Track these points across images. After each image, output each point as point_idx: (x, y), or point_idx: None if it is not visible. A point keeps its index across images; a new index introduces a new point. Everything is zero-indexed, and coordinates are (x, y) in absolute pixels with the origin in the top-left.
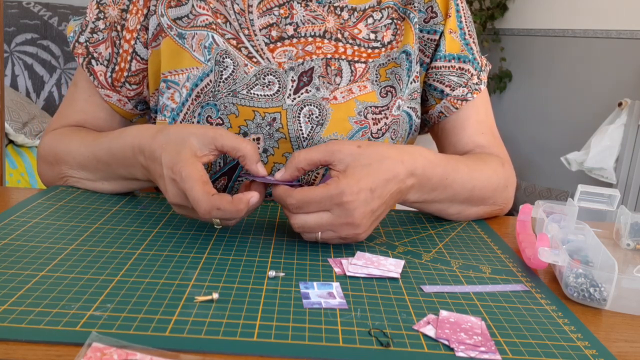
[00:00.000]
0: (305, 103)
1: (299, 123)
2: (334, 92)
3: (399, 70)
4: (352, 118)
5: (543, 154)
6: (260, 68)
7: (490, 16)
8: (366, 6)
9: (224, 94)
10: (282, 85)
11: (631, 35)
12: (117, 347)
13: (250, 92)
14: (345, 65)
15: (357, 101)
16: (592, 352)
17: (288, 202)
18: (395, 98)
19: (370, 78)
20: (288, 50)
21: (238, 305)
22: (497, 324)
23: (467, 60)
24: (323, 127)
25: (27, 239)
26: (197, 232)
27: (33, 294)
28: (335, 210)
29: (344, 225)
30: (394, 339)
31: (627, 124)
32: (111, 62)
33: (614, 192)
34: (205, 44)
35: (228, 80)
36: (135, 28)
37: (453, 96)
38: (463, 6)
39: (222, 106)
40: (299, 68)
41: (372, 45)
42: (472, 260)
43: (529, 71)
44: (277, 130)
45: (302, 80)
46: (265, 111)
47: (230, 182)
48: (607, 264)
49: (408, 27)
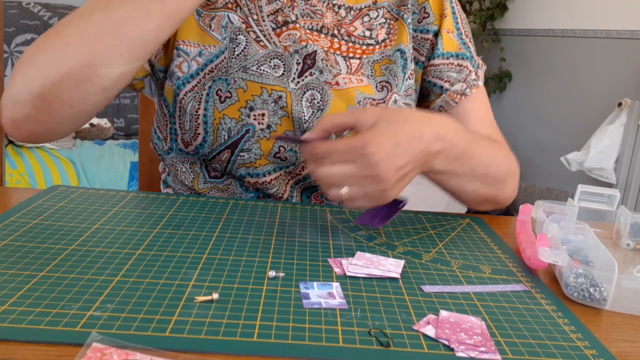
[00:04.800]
0: (308, 87)
1: (301, 106)
2: (337, 77)
3: (394, 67)
4: (351, 107)
5: (543, 154)
6: (267, 51)
7: (490, 16)
8: (362, 5)
9: (235, 69)
10: (287, 69)
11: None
12: (117, 347)
13: (260, 68)
14: (341, 60)
15: (357, 90)
16: (592, 352)
17: (314, 152)
18: (391, 93)
19: (365, 73)
20: (292, 34)
21: (238, 305)
22: (497, 324)
23: (465, 57)
24: (323, 112)
25: (27, 239)
26: (197, 232)
27: (33, 294)
28: (359, 161)
29: (368, 178)
30: (394, 339)
31: (627, 124)
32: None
33: (613, 192)
34: (222, 23)
35: (239, 57)
36: None
37: (452, 91)
38: (458, 8)
39: (232, 80)
40: (303, 51)
41: (366, 42)
42: (472, 260)
43: (529, 71)
44: (282, 109)
45: (307, 62)
46: (272, 88)
47: (232, 156)
48: (607, 264)
49: (402, 27)
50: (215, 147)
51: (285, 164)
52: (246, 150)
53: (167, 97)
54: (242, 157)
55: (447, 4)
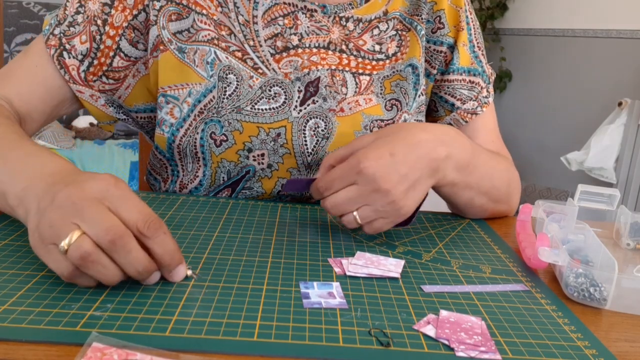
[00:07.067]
0: (311, 115)
1: (304, 137)
2: (341, 103)
3: (405, 83)
4: (357, 132)
5: (543, 154)
6: (267, 79)
7: (490, 16)
8: (372, 17)
9: (228, 110)
10: (288, 97)
11: (631, 35)
12: (117, 347)
13: (254, 107)
14: (350, 77)
15: (363, 114)
16: (592, 352)
17: (317, 187)
18: (401, 112)
19: (374, 91)
20: (294, 60)
21: (238, 305)
22: (497, 323)
23: (477, 73)
24: (329, 141)
25: (27, 239)
26: (197, 232)
27: (33, 294)
28: (359, 179)
29: (373, 193)
30: (394, 339)
31: (627, 123)
32: (87, 57)
33: (614, 192)
34: (207, 59)
35: (232, 97)
36: (121, 25)
37: (463, 109)
38: (472, 17)
39: (226, 123)
40: (305, 78)
41: (376, 57)
42: (472, 260)
43: (529, 71)
44: (282, 146)
45: (309, 90)
46: (269, 127)
47: (233, 193)
48: (607, 264)
49: (414, 38)
50: (214, 189)
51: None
52: (248, 188)
53: (158, 145)
54: (244, 193)
55: (463, 14)
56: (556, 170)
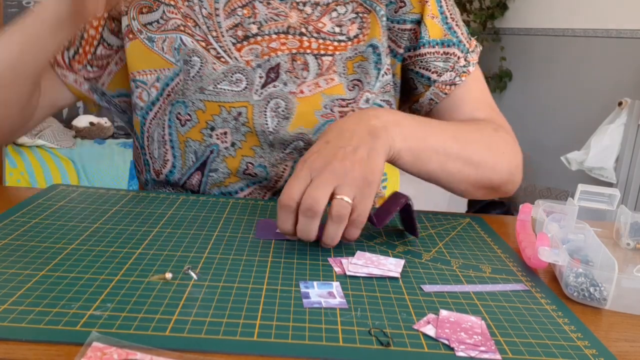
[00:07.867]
0: (271, 96)
1: (265, 117)
2: (301, 85)
3: (366, 64)
4: (318, 112)
5: (543, 154)
6: (229, 67)
7: (490, 15)
8: (329, 0)
9: (192, 91)
10: (249, 82)
11: (631, 35)
12: (117, 347)
13: (217, 87)
14: (312, 59)
15: (323, 95)
16: (592, 352)
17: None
18: (363, 91)
19: (337, 70)
20: (254, 48)
21: (238, 305)
22: (497, 323)
23: (451, 44)
24: (289, 121)
25: (27, 238)
26: (197, 231)
27: (33, 294)
28: (312, 172)
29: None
30: (394, 339)
31: (627, 123)
32: (73, 45)
33: (614, 192)
34: (174, 45)
35: (195, 78)
36: (103, 16)
37: (441, 82)
38: None
39: (190, 103)
40: (266, 65)
41: (337, 39)
42: (472, 260)
43: (529, 71)
44: (243, 125)
45: (270, 76)
46: (231, 105)
47: (203, 177)
48: (607, 264)
49: (374, 19)
50: (185, 172)
51: (257, 179)
52: (214, 170)
53: (135, 130)
54: (212, 177)
55: None
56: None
